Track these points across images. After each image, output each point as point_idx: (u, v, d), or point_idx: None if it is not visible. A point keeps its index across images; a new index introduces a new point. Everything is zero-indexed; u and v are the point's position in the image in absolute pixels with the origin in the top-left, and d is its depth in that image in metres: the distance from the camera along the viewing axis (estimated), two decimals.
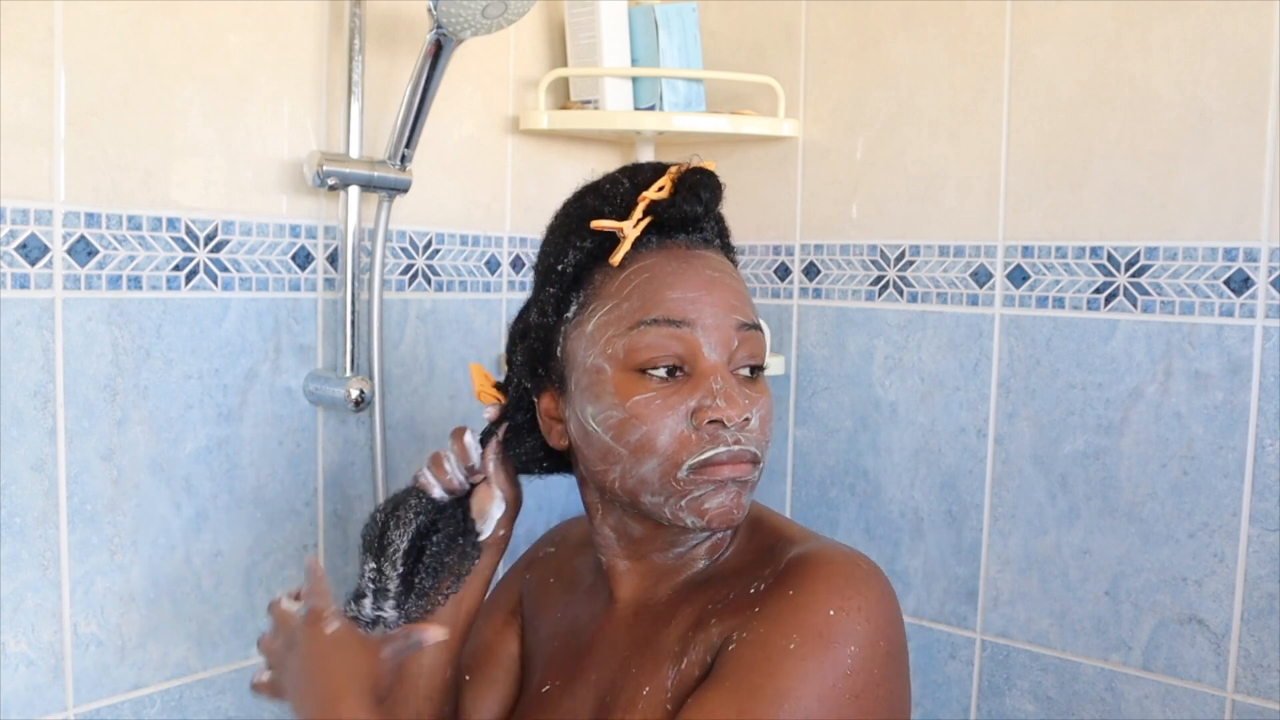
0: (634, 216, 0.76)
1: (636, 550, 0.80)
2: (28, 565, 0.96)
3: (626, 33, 1.35)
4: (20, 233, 0.94)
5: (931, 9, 1.27)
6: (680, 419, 0.73)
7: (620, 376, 0.74)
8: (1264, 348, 1.07)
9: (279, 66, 1.11)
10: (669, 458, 0.73)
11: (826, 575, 0.71)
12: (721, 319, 0.74)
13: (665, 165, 0.79)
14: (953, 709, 1.29)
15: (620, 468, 0.75)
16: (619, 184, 0.78)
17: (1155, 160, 1.13)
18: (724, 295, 0.75)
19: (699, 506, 0.73)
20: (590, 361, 0.76)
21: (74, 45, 0.96)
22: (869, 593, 0.71)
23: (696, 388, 0.73)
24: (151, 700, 1.05)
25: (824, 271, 1.37)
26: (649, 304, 0.74)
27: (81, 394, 0.99)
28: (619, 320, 0.75)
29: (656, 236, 0.77)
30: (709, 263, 0.77)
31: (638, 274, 0.76)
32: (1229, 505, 1.10)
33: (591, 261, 0.78)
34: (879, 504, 1.34)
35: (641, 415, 0.73)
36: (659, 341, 0.73)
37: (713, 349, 0.74)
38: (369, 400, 1.13)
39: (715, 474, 0.72)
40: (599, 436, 0.75)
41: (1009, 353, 1.23)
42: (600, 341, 0.75)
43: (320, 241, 1.16)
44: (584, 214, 0.78)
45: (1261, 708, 1.09)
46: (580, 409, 0.77)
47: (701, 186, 0.77)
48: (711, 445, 0.72)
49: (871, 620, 0.69)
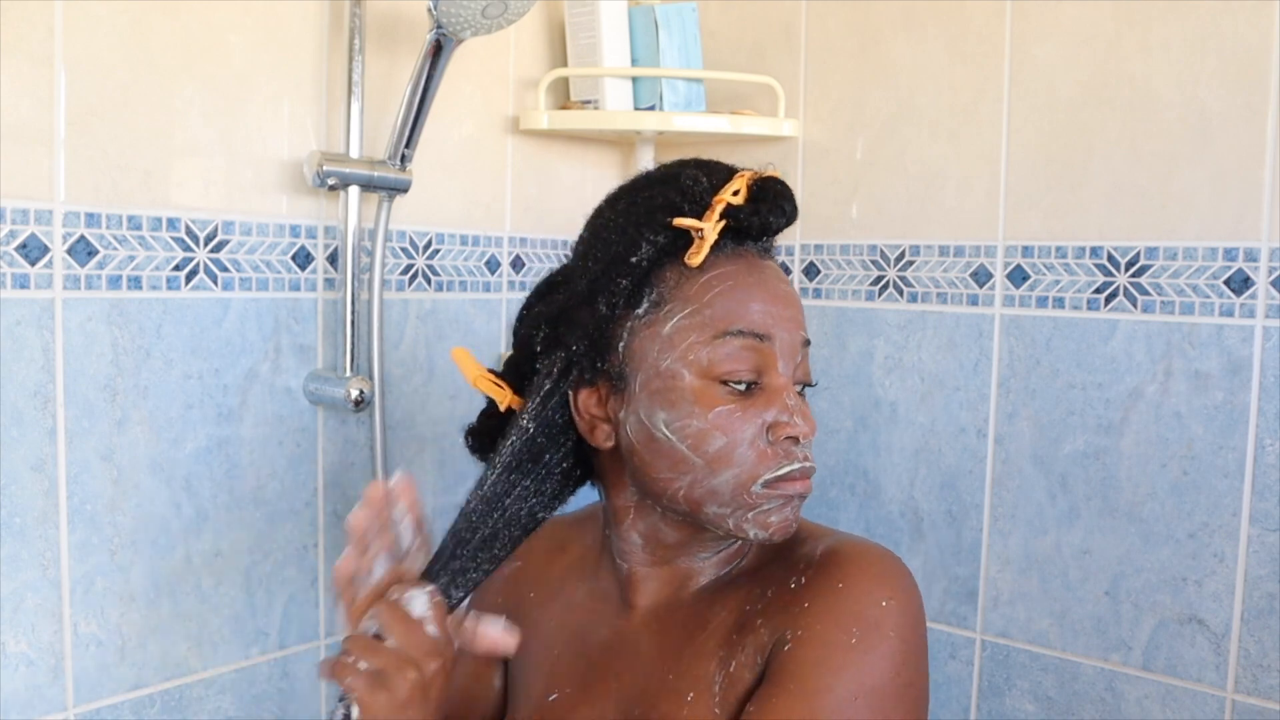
0: (712, 217, 0.74)
1: (664, 556, 0.79)
2: (28, 565, 0.96)
3: (626, 33, 1.35)
4: (20, 233, 0.94)
5: (931, 9, 1.27)
6: (757, 433, 0.72)
7: (700, 385, 0.73)
8: (1264, 348, 1.07)
9: (279, 66, 1.11)
10: (746, 471, 0.72)
11: (868, 566, 0.73)
12: (792, 334, 0.75)
13: (735, 168, 0.77)
14: (953, 709, 1.29)
15: (691, 477, 0.73)
16: (698, 181, 0.75)
17: (1155, 160, 1.13)
18: (794, 311, 0.76)
19: (764, 520, 0.73)
20: (666, 365, 0.73)
21: (74, 45, 0.96)
22: (908, 583, 0.73)
23: (770, 403, 0.73)
24: (151, 700, 1.05)
25: (824, 271, 1.37)
26: (734, 314, 0.73)
27: (81, 394, 0.99)
28: (701, 326, 0.73)
29: (731, 242, 0.75)
30: (779, 276, 0.77)
31: (719, 280, 0.74)
32: (1229, 505, 1.10)
33: (663, 257, 0.75)
34: (879, 504, 1.34)
35: (723, 427, 0.72)
36: (741, 354, 0.73)
37: (785, 364, 0.74)
38: (369, 400, 1.13)
39: (787, 489, 0.73)
40: (672, 444, 0.73)
41: (1009, 353, 1.23)
42: (680, 346, 0.73)
43: (320, 241, 1.16)
44: (657, 206, 0.75)
45: (1261, 708, 1.09)
46: (648, 413, 0.74)
47: (784, 198, 0.75)
48: (787, 461, 0.73)
49: (909, 612, 0.72)
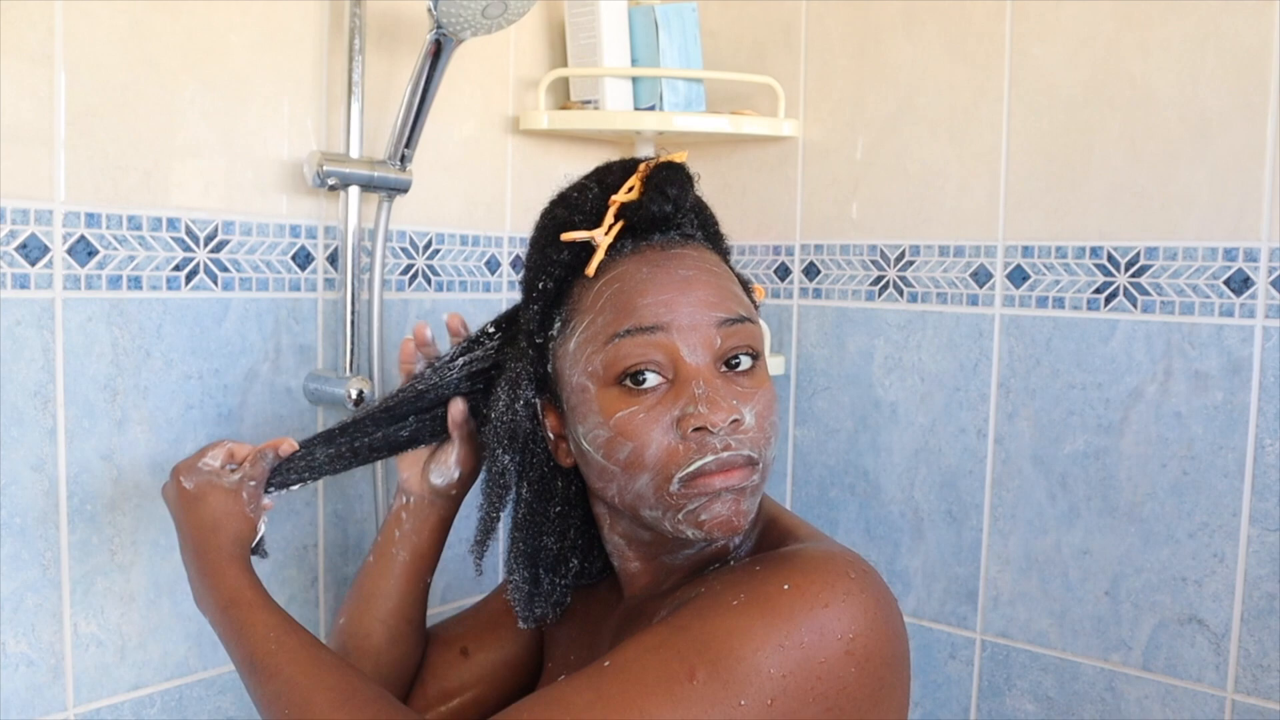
0: (606, 223, 0.73)
1: (647, 553, 0.79)
2: (28, 565, 0.96)
3: (626, 33, 1.35)
4: (20, 233, 0.94)
5: (931, 9, 1.27)
6: (666, 430, 0.70)
7: (603, 393, 0.72)
8: (1264, 348, 1.07)
9: (279, 66, 1.11)
10: (659, 472, 0.70)
11: (800, 563, 0.68)
12: (699, 318, 0.71)
13: (636, 163, 0.76)
14: (953, 709, 1.29)
15: (616, 485, 0.73)
16: (587, 190, 0.76)
17: (1155, 160, 1.13)
18: (701, 294, 0.72)
19: (695, 519, 0.70)
20: (575, 380, 0.74)
21: (74, 45, 0.96)
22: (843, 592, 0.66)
23: (679, 395, 0.70)
24: (151, 700, 1.05)
25: (824, 271, 1.37)
26: (621, 314, 0.71)
27: (81, 394, 0.99)
28: (595, 335, 0.72)
29: (632, 241, 0.75)
30: (683, 261, 0.74)
31: (610, 284, 0.73)
32: (1229, 505, 1.10)
33: (570, 275, 0.76)
34: (879, 504, 1.34)
35: (626, 431, 0.70)
36: (635, 351, 0.70)
37: (692, 351, 0.71)
38: (369, 400, 1.13)
39: (706, 485, 0.69)
40: (592, 455, 0.74)
41: (1009, 353, 1.23)
42: (581, 359, 0.73)
43: (320, 241, 1.16)
44: (556, 226, 0.76)
45: (1261, 708, 1.09)
46: (573, 429, 0.75)
47: (668, 183, 0.74)
48: (699, 455, 0.69)
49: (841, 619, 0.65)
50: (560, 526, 0.83)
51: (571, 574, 0.85)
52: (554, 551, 0.83)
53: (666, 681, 0.64)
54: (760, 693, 0.63)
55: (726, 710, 0.63)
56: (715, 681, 0.63)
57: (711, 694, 0.63)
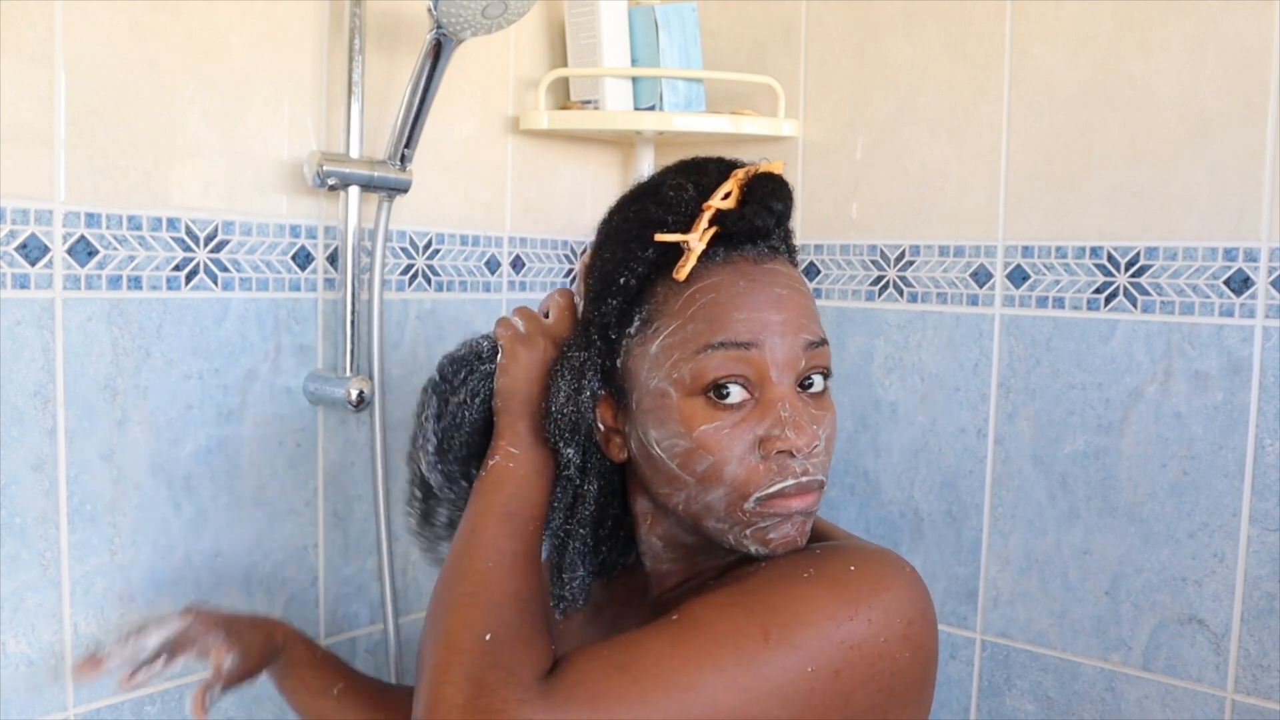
0: (699, 228, 0.72)
1: (683, 554, 0.79)
2: (28, 565, 0.96)
3: (626, 33, 1.35)
4: (20, 233, 0.94)
5: (931, 9, 1.27)
6: (748, 448, 0.70)
7: (686, 402, 0.71)
8: (1264, 348, 1.07)
9: (279, 66, 1.11)
10: (736, 489, 0.70)
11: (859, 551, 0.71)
12: (790, 340, 0.71)
13: (730, 165, 0.75)
14: (953, 709, 1.29)
15: (685, 494, 0.72)
16: (683, 190, 0.74)
17: (1155, 160, 1.13)
18: (792, 314, 0.72)
19: (764, 536, 0.71)
20: (655, 384, 0.73)
21: (74, 45, 0.96)
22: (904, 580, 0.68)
23: (764, 415, 0.70)
24: (152, 700, 1.05)
25: (824, 271, 1.37)
26: (716, 326, 0.70)
27: (81, 394, 0.99)
28: (684, 343, 0.71)
29: (724, 248, 0.73)
30: (777, 278, 0.73)
31: (703, 293, 0.71)
32: (1229, 505, 1.10)
33: (654, 273, 0.74)
34: (879, 504, 1.34)
35: (708, 445, 0.70)
36: (726, 365, 0.70)
37: (781, 373, 0.70)
38: (369, 400, 1.13)
39: (783, 507, 0.70)
40: (664, 462, 0.73)
41: (1009, 353, 1.23)
42: (665, 365, 0.72)
43: (320, 241, 1.16)
44: (645, 221, 0.74)
45: (1261, 708, 1.09)
46: (643, 431, 0.74)
47: (773, 196, 0.73)
48: (780, 477, 0.69)
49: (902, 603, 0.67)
50: (598, 518, 0.82)
51: (599, 563, 0.84)
52: (589, 542, 0.82)
53: (738, 637, 0.65)
54: (829, 661, 0.65)
55: (796, 674, 0.64)
56: (786, 645, 0.64)
57: (782, 656, 0.64)
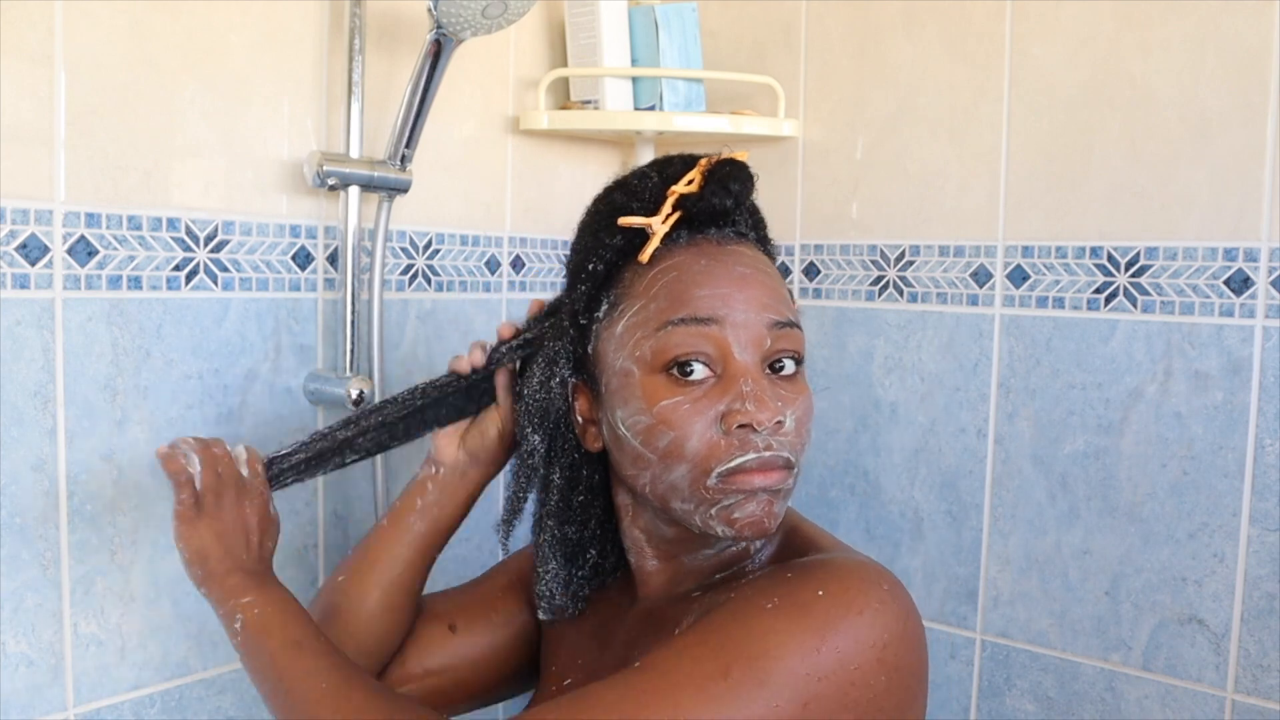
0: (663, 212, 0.74)
1: (667, 551, 0.79)
2: (28, 565, 0.96)
3: (626, 33, 1.35)
4: (20, 233, 0.94)
5: (931, 9, 1.27)
6: (709, 424, 0.70)
7: (648, 380, 0.72)
8: (1264, 348, 1.07)
9: (279, 66, 1.11)
10: (697, 464, 0.70)
11: (833, 571, 0.68)
12: (753, 316, 0.71)
13: (696, 157, 0.77)
14: (953, 709, 1.29)
15: (650, 473, 0.73)
16: (647, 178, 0.76)
17: (1155, 160, 1.13)
18: (756, 292, 0.72)
19: (728, 515, 0.70)
20: (620, 364, 0.74)
21: (74, 45, 0.96)
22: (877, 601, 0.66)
23: (726, 390, 0.70)
24: (151, 700, 1.05)
25: (824, 271, 1.37)
26: (676, 303, 0.71)
27: (81, 394, 0.99)
28: (647, 321, 0.72)
29: (687, 232, 0.75)
30: (740, 258, 0.74)
31: (666, 272, 0.73)
32: (1229, 505, 1.10)
33: (621, 259, 0.76)
34: (879, 504, 1.34)
35: (669, 420, 0.70)
36: (687, 342, 0.70)
37: (743, 349, 0.71)
38: (369, 400, 1.13)
39: (745, 482, 0.69)
40: (629, 441, 0.73)
41: (1009, 353, 1.23)
42: (629, 344, 0.73)
43: (320, 241, 1.16)
44: (612, 210, 0.76)
45: (1261, 708, 1.09)
46: (611, 413, 0.75)
47: (731, 179, 0.75)
48: (741, 452, 0.69)
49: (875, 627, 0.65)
50: (582, 515, 0.82)
51: (589, 565, 0.85)
52: (574, 541, 0.83)
53: (700, 679, 0.64)
54: (795, 694, 0.63)
55: (761, 710, 0.63)
56: (750, 680, 0.63)
57: (746, 693, 0.63)
